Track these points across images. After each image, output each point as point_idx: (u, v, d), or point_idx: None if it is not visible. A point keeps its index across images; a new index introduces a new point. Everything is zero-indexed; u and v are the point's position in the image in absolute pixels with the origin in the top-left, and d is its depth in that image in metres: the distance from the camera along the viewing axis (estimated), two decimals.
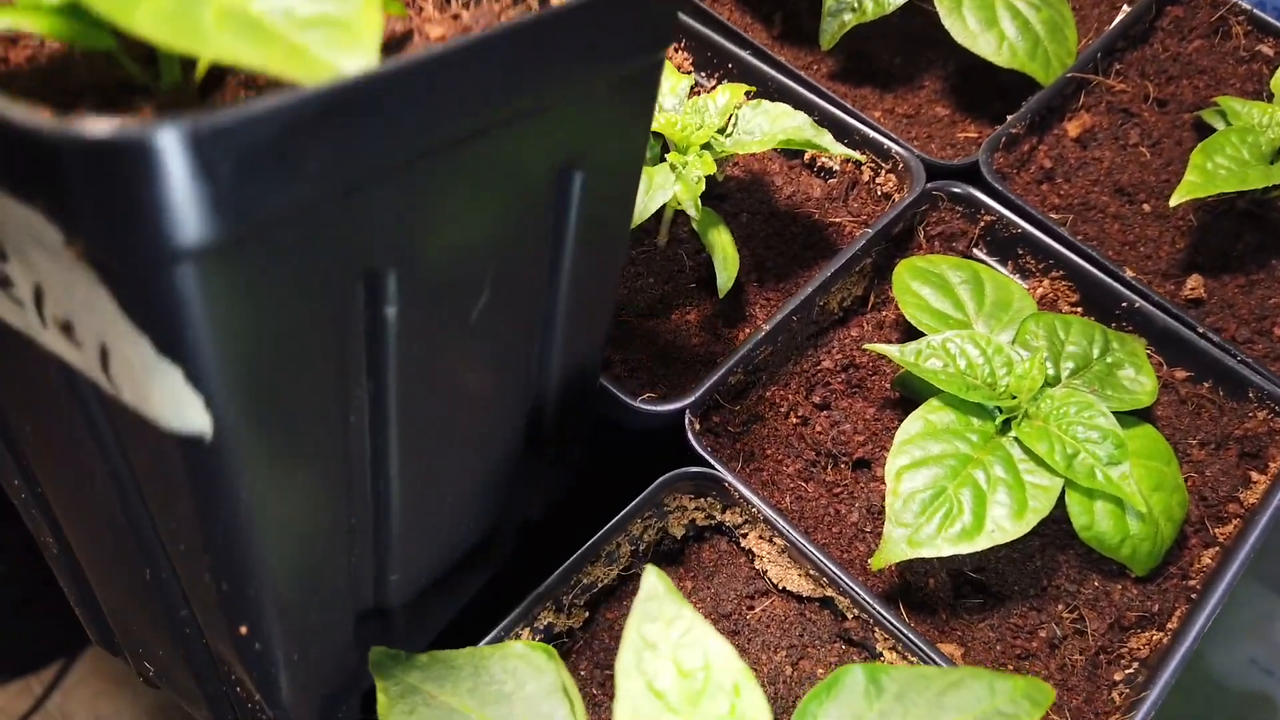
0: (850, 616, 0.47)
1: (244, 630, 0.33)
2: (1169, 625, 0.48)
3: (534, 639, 0.46)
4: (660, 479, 0.48)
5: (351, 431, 0.32)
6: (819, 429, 0.54)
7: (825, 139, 0.54)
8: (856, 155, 0.58)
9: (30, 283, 0.25)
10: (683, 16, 0.67)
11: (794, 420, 0.54)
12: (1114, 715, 0.46)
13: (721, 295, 0.55)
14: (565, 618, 0.47)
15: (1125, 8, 0.69)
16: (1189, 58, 0.67)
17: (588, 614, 0.48)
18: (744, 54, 0.65)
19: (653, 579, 0.34)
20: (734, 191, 0.63)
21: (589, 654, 0.47)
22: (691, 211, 0.51)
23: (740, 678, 0.31)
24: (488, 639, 0.44)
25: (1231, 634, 0.78)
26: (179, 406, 0.25)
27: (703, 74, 0.67)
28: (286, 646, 0.35)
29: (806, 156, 0.64)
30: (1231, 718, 0.80)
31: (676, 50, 0.68)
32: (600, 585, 0.49)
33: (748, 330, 0.57)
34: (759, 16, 0.72)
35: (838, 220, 0.62)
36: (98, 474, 0.32)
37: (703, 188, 0.52)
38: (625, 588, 0.50)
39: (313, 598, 0.35)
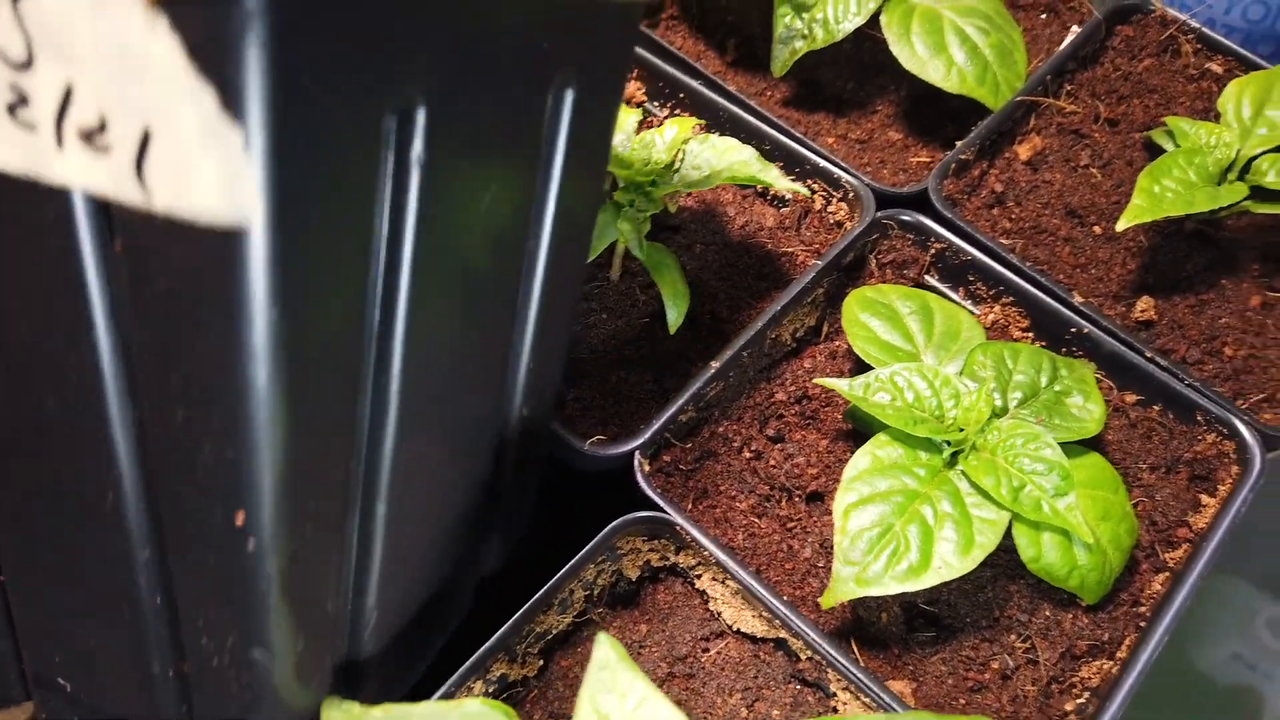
0: (804, 657, 0.47)
1: (240, 519, 0.31)
2: (1119, 654, 0.48)
3: (487, 690, 0.46)
4: (612, 524, 0.48)
5: (368, 301, 0.32)
6: (772, 462, 0.54)
7: (771, 174, 0.54)
8: (801, 189, 0.58)
9: (59, 85, 0.25)
10: (636, 49, 0.67)
11: (747, 455, 0.55)
12: None
13: (672, 331, 0.55)
14: (519, 667, 0.47)
15: (1075, 28, 0.69)
16: (1139, 77, 0.67)
17: (542, 662, 0.49)
18: (696, 84, 0.65)
19: (605, 649, 0.34)
20: (687, 222, 0.63)
21: (543, 703, 0.47)
22: (636, 253, 0.51)
23: None
24: (440, 692, 0.44)
25: (1215, 630, 0.79)
26: (230, 182, 0.25)
27: (655, 103, 0.67)
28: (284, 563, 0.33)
29: (759, 186, 0.64)
30: (1216, 712, 0.80)
31: (629, 81, 0.68)
32: (554, 632, 0.49)
33: (701, 364, 0.57)
34: (713, 44, 0.72)
35: (790, 250, 0.62)
36: (61, 379, 0.31)
37: (648, 228, 0.52)
38: (579, 634, 0.50)
39: (309, 504, 0.34)
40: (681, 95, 0.66)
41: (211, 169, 0.25)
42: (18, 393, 0.33)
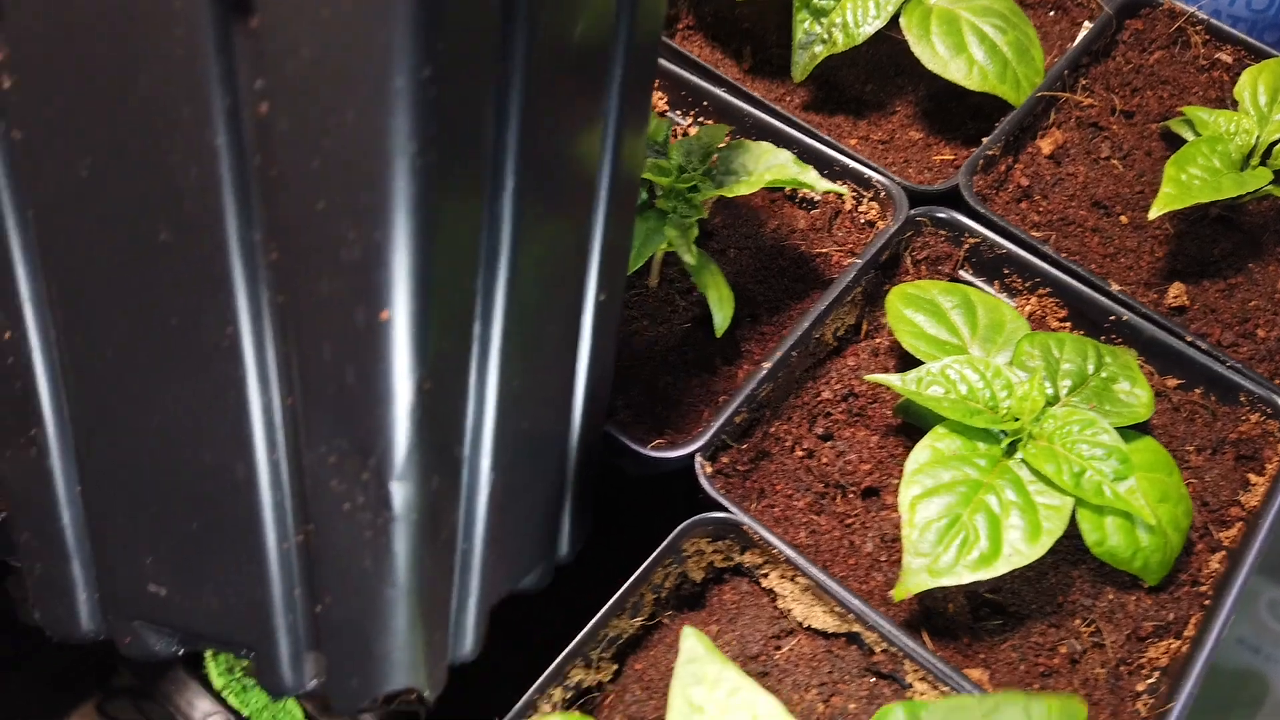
0: (878, 650, 0.47)
1: (384, 315, 0.29)
2: (1185, 633, 0.49)
3: (565, 696, 0.46)
4: (679, 527, 0.48)
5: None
6: (825, 460, 0.55)
7: (810, 175, 0.55)
8: (843, 189, 0.58)
9: None
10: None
11: (799, 454, 0.55)
12: None
13: (719, 335, 0.56)
14: (594, 672, 0.47)
15: (1086, 24, 0.70)
16: (1151, 69, 0.69)
17: (616, 666, 0.48)
18: (718, 91, 0.66)
19: (692, 641, 0.34)
20: (719, 228, 0.64)
21: (620, 706, 0.47)
22: (688, 258, 0.52)
23: None
24: (524, 700, 0.44)
25: None
26: None
27: (678, 112, 0.68)
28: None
29: (788, 189, 0.65)
30: (1221, 695, 0.81)
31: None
32: (625, 637, 0.49)
33: (746, 366, 0.58)
34: (729, 53, 0.73)
35: (824, 250, 0.62)
36: (178, 204, 0.30)
37: (696, 233, 0.53)
38: (650, 637, 0.50)
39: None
40: (705, 103, 0.66)
41: None
42: (128, 223, 0.31)
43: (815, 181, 0.55)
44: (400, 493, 0.32)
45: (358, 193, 0.28)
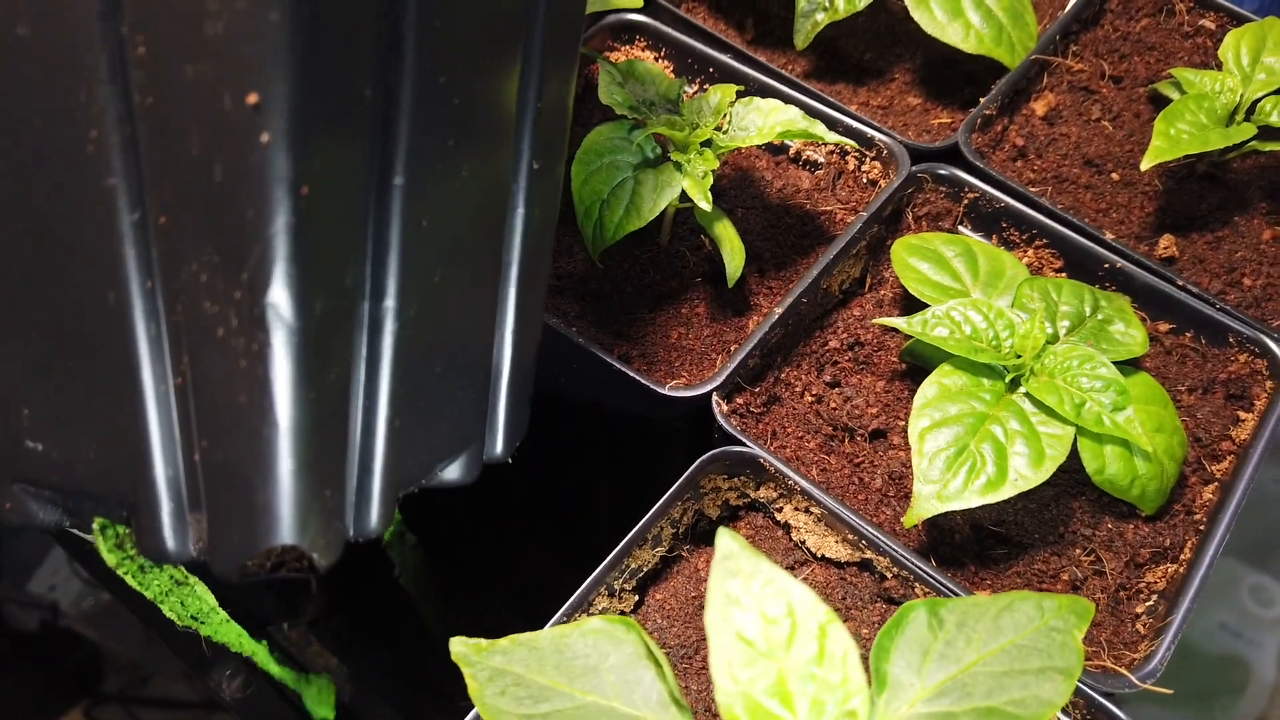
0: (890, 576, 0.49)
1: (251, 99, 0.26)
2: (1182, 557, 0.51)
3: None
4: (698, 461, 0.50)
5: None
6: (833, 405, 0.57)
7: (819, 128, 0.57)
8: (851, 143, 0.61)
9: None
10: (661, 25, 0.70)
11: (809, 399, 0.57)
12: (1140, 644, 0.49)
13: (731, 284, 0.58)
14: (617, 601, 0.49)
15: None
16: (1138, 36, 0.71)
17: (637, 597, 0.50)
18: (724, 57, 0.68)
19: (727, 539, 0.36)
20: (726, 189, 0.66)
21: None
22: (704, 205, 0.54)
23: (825, 619, 0.34)
24: (551, 623, 0.46)
25: (1201, 600, 0.82)
26: None
27: (684, 78, 0.70)
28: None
29: (792, 151, 0.67)
30: (1206, 680, 0.83)
31: (657, 59, 0.70)
32: (646, 569, 0.51)
33: (755, 318, 0.60)
34: (732, 23, 0.75)
35: (828, 208, 0.64)
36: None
37: (710, 182, 0.55)
38: (668, 569, 0.52)
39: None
40: (711, 70, 0.69)
41: None
42: None
43: (823, 133, 0.57)
44: (275, 312, 0.29)
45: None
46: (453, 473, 0.40)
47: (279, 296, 0.28)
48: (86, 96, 0.28)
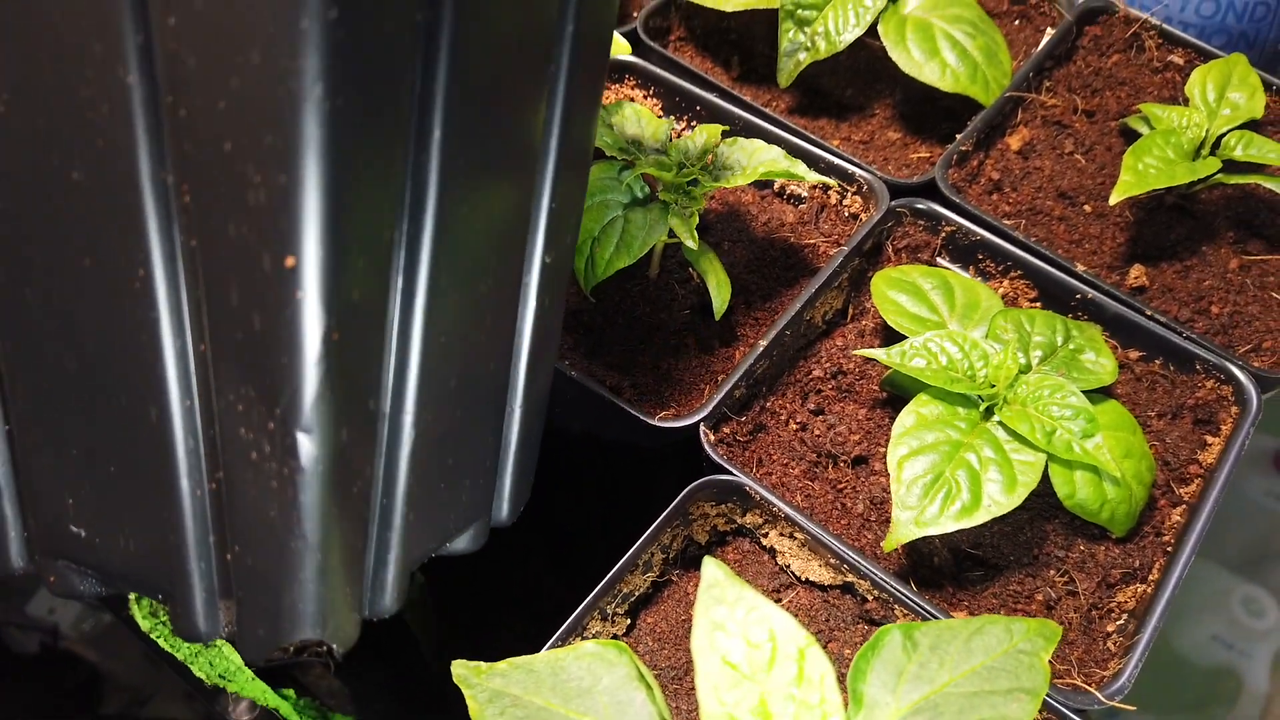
0: (870, 598, 0.51)
1: (289, 262, 0.29)
2: (1150, 577, 0.53)
3: None
4: (687, 489, 0.52)
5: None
6: (817, 432, 0.59)
7: (800, 167, 0.60)
8: (830, 181, 0.63)
9: None
10: (650, 65, 0.72)
11: (794, 426, 0.59)
12: (1111, 661, 0.51)
13: (717, 317, 0.60)
14: (610, 625, 0.51)
15: (1049, 30, 0.76)
16: (1109, 71, 0.74)
17: (629, 621, 0.52)
18: (710, 95, 0.70)
19: (712, 568, 0.38)
20: (714, 223, 0.68)
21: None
22: (690, 243, 0.56)
23: (804, 643, 0.36)
24: (547, 646, 0.48)
25: (1192, 613, 0.83)
26: None
27: (671, 117, 0.73)
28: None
29: (776, 186, 0.70)
30: (1198, 692, 0.85)
31: (646, 97, 0.73)
32: (637, 593, 0.53)
33: (742, 349, 0.62)
34: (718, 61, 0.77)
35: (811, 242, 0.67)
36: (89, 142, 0.29)
37: (697, 221, 0.57)
38: (659, 594, 0.54)
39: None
40: (698, 107, 0.71)
41: None
42: (40, 162, 0.31)
43: (805, 173, 0.60)
44: (306, 443, 0.31)
45: (263, 135, 0.27)
46: (461, 543, 0.43)
47: (309, 429, 0.31)
48: (136, 238, 0.31)
